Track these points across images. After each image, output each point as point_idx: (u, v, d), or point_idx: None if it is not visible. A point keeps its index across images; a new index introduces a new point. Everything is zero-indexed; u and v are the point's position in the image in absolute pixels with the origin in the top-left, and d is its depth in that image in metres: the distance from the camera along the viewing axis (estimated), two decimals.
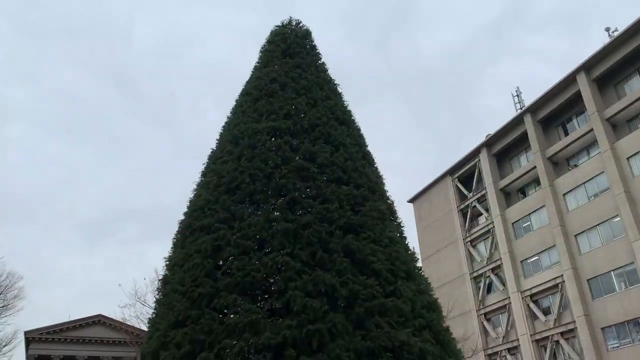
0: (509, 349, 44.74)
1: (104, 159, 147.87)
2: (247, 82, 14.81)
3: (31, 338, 51.53)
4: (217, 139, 13.83)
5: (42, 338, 51.82)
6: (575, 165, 42.85)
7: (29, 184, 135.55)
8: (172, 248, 12.39)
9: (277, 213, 11.23)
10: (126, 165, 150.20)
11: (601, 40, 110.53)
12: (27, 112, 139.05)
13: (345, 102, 14.83)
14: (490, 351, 46.43)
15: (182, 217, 12.66)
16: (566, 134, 44.95)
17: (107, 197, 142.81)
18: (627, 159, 37.86)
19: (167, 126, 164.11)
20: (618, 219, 37.48)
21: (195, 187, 13.11)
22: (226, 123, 14.09)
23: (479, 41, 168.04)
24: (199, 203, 12.10)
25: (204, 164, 13.45)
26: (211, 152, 13.58)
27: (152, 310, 12.22)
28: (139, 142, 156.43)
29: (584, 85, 41.29)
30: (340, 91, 15.03)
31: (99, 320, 53.87)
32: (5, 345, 41.23)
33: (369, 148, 14.28)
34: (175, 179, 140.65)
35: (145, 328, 15.04)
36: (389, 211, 12.94)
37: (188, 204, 12.78)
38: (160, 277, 12.32)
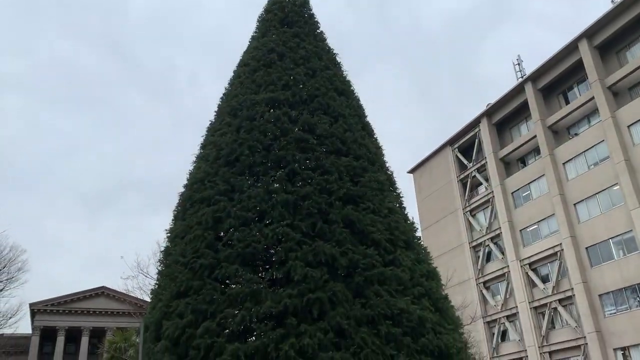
0: (507, 316, 45.46)
1: (104, 130, 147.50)
2: (245, 53, 14.66)
3: (36, 310, 52.35)
4: (215, 111, 13.77)
5: (47, 310, 52.65)
6: (576, 134, 42.74)
7: (29, 155, 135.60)
8: (172, 220, 12.48)
9: (277, 185, 11.27)
10: (126, 136, 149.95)
11: (604, 6, 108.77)
12: (25, 83, 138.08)
13: (344, 72, 14.70)
14: (489, 319, 47.18)
15: (182, 190, 12.71)
16: (567, 102, 44.69)
17: (107, 168, 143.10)
18: (628, 127, 37.75)
19: (166, 97, 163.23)
20: (617, 187, 37.57)
21: (194, 159, 13.12)
22: (224, 94, 14.00)
23: (480, 8, 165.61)
24: (199, 175, 12.13)
25: (202, 136, 13.43)
26: (210, 124, 13.54)
27: (155, 282, 12.38)
28: (138, 114, 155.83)
29: (585, 52, 40.87)
30: (339, 61, 14.89)
31: (102, 292, 54.65)
32: (10, 317, 41.90)
33: (369, 119, 14.23)
34: (175, 150, 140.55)
35: (148, 299, 15.26)
36: (389, 182, 12.98)
37: (188, 176, 12.81)
38: (162, 249, 12.44)
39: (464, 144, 54.15)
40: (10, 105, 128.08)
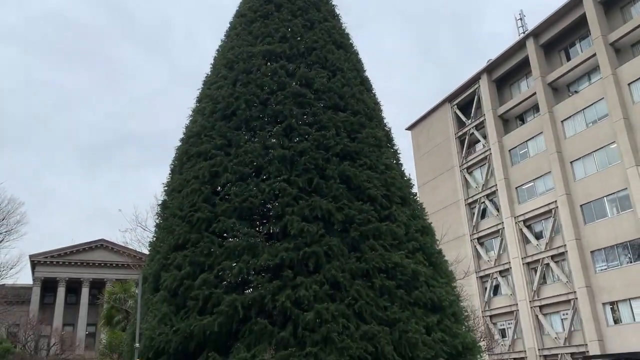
0: (500, 272, 46.31)
1: (100, 84, 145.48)
2: (242, 3, 14.30)
3: (36, 261, 53.12)
4: (211, 63, 13.56)
5: (47, 261, 53.43)
6: (576, 92, 42.37)
7: (25, 109, 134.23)
8: (170, 174, 12.51)
9: (274, 140, 11.25)
10: (122, 90, 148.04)
11: None
12: (19, 35, 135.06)
13: (343, 25, 14.41)
14: (482, 273, 48.06)
15: (179, 143, 12.68)
16: (568, 59, 44.07)
17: (104, 123, 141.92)
18: (629, 84, 37.40)
19: (162, 51, 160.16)
20: (615, 145, 37.58)
21: (190, 113, 13.02)
22: (220, 46, 13.75)
23: None
24: (195, 129, 12.08)
25: (198, 89, 13.28)
26: (206, 76, 13.36)
27: (153, 235, 12.52)
28: (134, 68, 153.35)
29: (589, 7, 40.04)
30: (338, 13, 14.57)
31: (101, 245, 55.33)
32: (11, 268, 42.52)
33: (367, 74, 14.05)
34: (172, 104, 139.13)
35: (146, 251, 15.48)
36: (386, 138, 12.95)
37: (184, 130, 12.75)
38: (160, 202, 12.52)
39: (463, 101, 53.73)
40: (4, 57, 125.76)
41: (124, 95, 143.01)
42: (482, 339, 33.41)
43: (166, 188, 12.25)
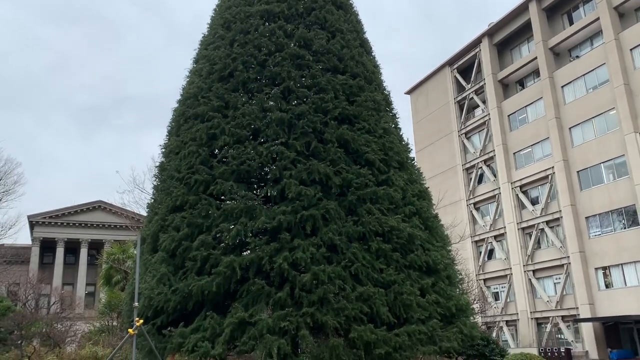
0: (495, 236, 46.82)
1: (96, 44, 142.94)
2: None
3: (35, 222, 53.39)
4: (208, 23, 13.31)
5: (46, 222, 53.70)
6: (577, 57, 41.91)
7: (18, 71, 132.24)
8: (167, 135, 12.45)
9: (272, 102, 11.16)
10: (119, 51, 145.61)
11: None
12: None
13: None
14: (477, 238, 48.60)
15: (176, 105, 12.58)
16: (571, 23, 43.40)
17: (101, 84, 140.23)
18: (631, 50, 37.00)
19: (159, 10, 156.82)
20: (614, 111, 37.44)
21: (187, 74, 12.86)
22: (217, 5, 13.46)
23: None
24: (192, 90, 11.96)
25: (195, 49, 13.08)
26: (202, 37, 13.13)
27: (151, 196, 12.56)
28: (130, 28, 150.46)
29: None
30: None
31: (99, 206, 55.51)
32: (10, 228, 42.85)
33: (367, 36, 13.82)
34: (169, 66, 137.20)
35: (144, 213, 15.58)
36: (385, 102, 12.85)
37: (181, 91, 12.63)
38: (157, 164, 12.51)
39: (463, 65, 53.16)
40: None
41: (120, 55, 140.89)
42: (475, 302, 34.09)
43: (163, 150, 12.23)
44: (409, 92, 60.85)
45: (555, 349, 38.02)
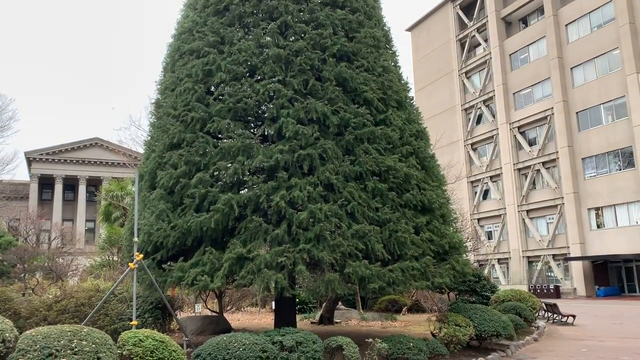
0: (491, 177, 47.15)
1: None
2: None
3: (32, 158, 53.33)
4: None
5: (43, 159, 53.64)
6: None
7: (7, 4, 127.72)
8: (162, 72, 12.24)
9: (268, 38, 10.89)
10: None
11: None
12: None
13: None
14: (473, 178, 48.94)
15: (171, 40, 12.29)
16: None
17: (94, 19, 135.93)
18: None
19: None
20: (617, 51, 36.78)
21: (182, 7, 12.49)
22: None
23: None
24: (187, 25, 11.65)
25: None
26: None
27: (148, 133, 12.50)
28: None
29: None
30: None
31: (96, 143, 55.30)
32: (7, 164, 42.90)
33: None
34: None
35: (141, 150, 15.52)
36: (385, 39, 12.56)
37: (176, 25, 12.31)
38: (153, 101, 12.37)
39: (467, 1, 51.65)
40: None
41: None
42: (468, 240, 34.76)
43: (159, 86, 12.05)
44: (410, 29, 59.39)
45: (545, 286, 39.28)
